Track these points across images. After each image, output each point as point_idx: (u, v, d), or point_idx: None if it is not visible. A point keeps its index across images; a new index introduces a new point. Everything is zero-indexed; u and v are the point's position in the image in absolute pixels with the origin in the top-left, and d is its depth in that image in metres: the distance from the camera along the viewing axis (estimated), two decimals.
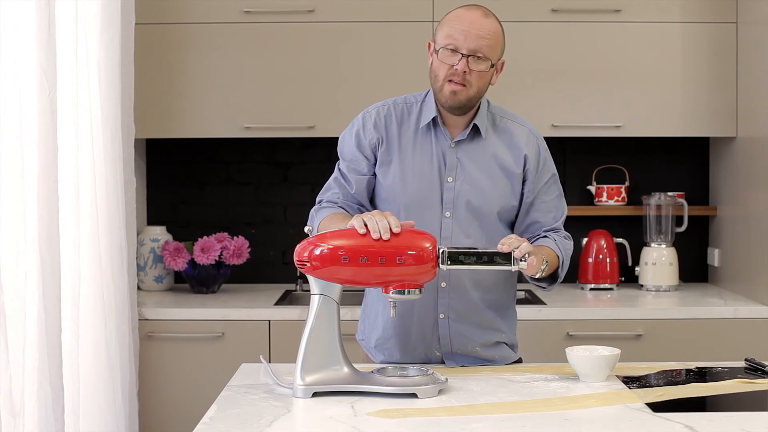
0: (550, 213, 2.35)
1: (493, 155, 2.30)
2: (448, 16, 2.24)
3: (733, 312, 3.30)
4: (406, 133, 2.31)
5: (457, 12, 2.23)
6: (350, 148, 2.35)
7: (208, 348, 3.27)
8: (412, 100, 2.35)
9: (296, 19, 3.51)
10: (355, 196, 2.35)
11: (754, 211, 3.42)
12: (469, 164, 2.29)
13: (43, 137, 2.76)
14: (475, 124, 2.29)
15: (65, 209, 2.83)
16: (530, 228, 2.35)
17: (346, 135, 2.38)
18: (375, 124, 2.32)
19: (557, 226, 2.36)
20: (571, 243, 2.36)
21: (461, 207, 2.28)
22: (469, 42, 2.17)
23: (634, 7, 3.53)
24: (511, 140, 2.32)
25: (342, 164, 2.37)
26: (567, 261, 2.31)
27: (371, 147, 2.32)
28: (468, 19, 2.20)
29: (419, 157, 2.29)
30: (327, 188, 2.40)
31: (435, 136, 2.30)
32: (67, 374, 2.84)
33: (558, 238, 2.32)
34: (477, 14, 2.21)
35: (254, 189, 3.91)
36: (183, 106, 3.53)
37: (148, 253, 3.65)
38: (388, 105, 2.35)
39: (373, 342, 2.39)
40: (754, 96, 3.39)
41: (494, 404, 1.95)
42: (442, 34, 2.21)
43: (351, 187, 2.34)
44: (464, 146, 2.30)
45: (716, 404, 2.02)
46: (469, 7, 2.22)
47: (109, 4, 3.02)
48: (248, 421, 1.83)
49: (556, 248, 2.27)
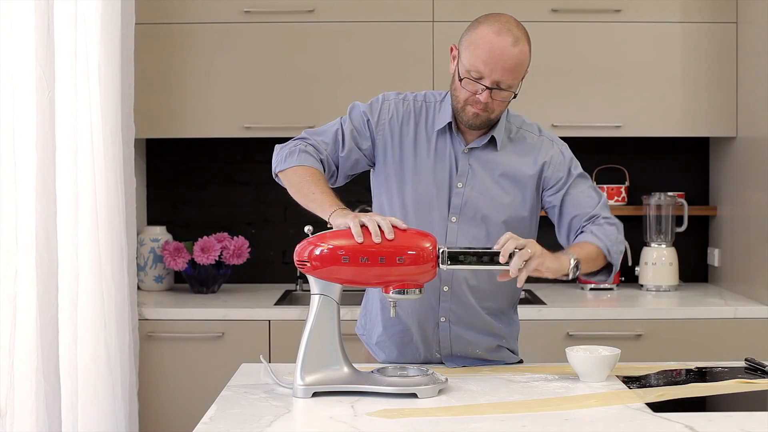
0: (585, 204, 2.26)
1: (505, 165, 2.27)
2: (476, 36, 2.13)
3: (733, 312, 3.30)
4: (421, 132, 2.28)
5: (486, 36, 2.11)
6: (360, 120, 2.30)
7: (208, 348, 3.27)
8: (431, 99, 2.31)
9: (296, 19, 3.51)
10: (340, 160, 2.28)
11: (754, 211, 3.42)
12: (481, 172, 2.26)
13: (42, 137, 2.76)
14: (493, 136, 2.26)
15: (65, 209, 2.83)
16: (572, 224, 2.26)
17: (361, 106, 2.32)
18: (391, 118, 2.29)
19: (597, 212, 2.24)
20: (614, 228, 2.22)
21: (468, 213, 2.26)
22: (495, 75, 2.11)
23: (634, 7, 3.53)
24: (526, 150, 2.28)
25: (347, 125, 2.30)
26: (616, 247, 2.19)
27: (378, 134, 2.29)
28: (496, 48, 2.10)
29: (432, 158, 2.27)
30: (321, 132, 2.31)
31: (450, 139, 2.27)
32: (66, 374, 2.84)
33: (596, 228, 2.20)
34: (506, 42, 2.10)
35: (254, 189, 3.91)
36: (183, 106, 3.53)
37: (148, 253, 3.65)
38: (409, 100, 2.31)
39: (374, 339, 2.39)
40: (754, 96, 3.39)
41: (494, 404, 1.95)
42: (467, 58, 2.13)
43: (342, 149, 2.28)
44: (477, 153, 2.27)
45: (716, 404, 2.02)
46: (499, 31, 2.11)
47: (109, 4, 3.02)
48: (248, 421, 1.83)
49: (594, 238, 2.17)
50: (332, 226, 2.05)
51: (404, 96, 2.32)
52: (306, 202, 2.16)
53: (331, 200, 2.11)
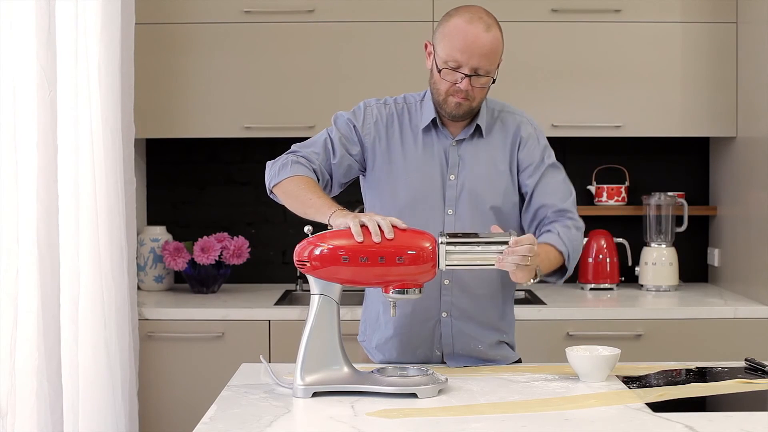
0: (555, 194, 2.29)
1: (493, 151, 2.31)
2: (449, 28, 2.19)
3: (733, 312, 3.30)
4: (406, 132, 2.31)
5: (459, 25, 2.17)
6: (346, 127, 2.32)
7: (208, 348, 3.27)
8: (411, 100, 2.35)
9: (296, 19, 3.51)
10: (333, 168, 2.30)
11: (754, 211, 3.42)
12: (471, 161, 2.29)
13: (42, 137, 2.76)
14: (478, 125, 2.29)
15: (65, 209, 2.83)
16: (538, 213, 2.29)
17: (345, 114, 2.34)
18: (376, 121, 2.32)
19: (566, 207, 2.29)
20: (579, 233, 2.28)
21: (463, 204, 2.28)
22: (472, 61, 2.16)
23: (634, 7, 3.53)
24: (508, 129, 2.33)
25: (334, 133, 2.32)
26: (575, 253, 2.24)
27: (366, 138, 2.31)
28: (470, 36, 2.15)
29: (421, 156, 2.30)
30: (310, 144, 2.33)
31: (436, 135, 2.31)
32: (66, 374, 2.84)
33: (563, 230, 2.24)
34: (479, 29, 2.16)
35: (254, 189, 3.91)
36: (183, 106, 3.53)
37: (148, 253, 3.65)
38: (390, 104, 2.35)
39: (374, 342, 2.39)
40: (754, 96, 3.39)
41: (494, 404, 1.95)
42: (443, 50, 2.18)
43: (334, 157, 2.30)
44: (465, 144, 2.30)
45: (716, 404, 2.02)
46: (470, 20, 2.17)
47: (109, 4, 3.02)
48: (248, 421, 1.83)
49: (559, 242, 2.22)
50: (333, 227, 2.05)
51: (384, 100, 2.36)
52: (304, 210, 2.16)
53: (329, 203, 2.12)
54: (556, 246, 2.21)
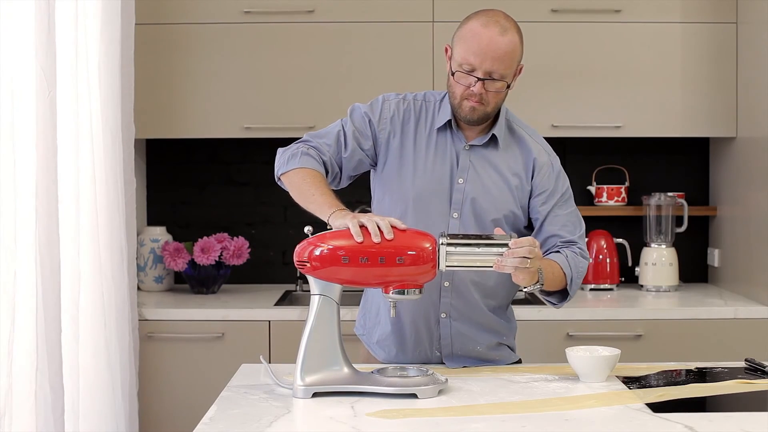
0: (566, 227, 2.31)
1: (505, 162, 2.29)
2: (464, 31, 2.19)
3: (733, 312, 3.30)
4: (422, 130, 2.31)
5: (474, 28, 2.17)
6: (361, 120, 2.32)
7: (208, 348, 3.27)
8: (431, 99, 2.34)
9: (296, 19, 3.51)
10: (344, 161, 2.30)
11: (754, 211, 3.42)
12: (482, 169, 2.28)
13: (42, 137, 2.76)
14: (494, 134, 2.28)
15: (65, 209, 2.83)
16: (548, 242, 2.30)
17: (362, 107, 2.34)
18: (392, 117, 2.31)
19: (575, 239, 2.30)
20: (585, 263, 2.29)
21: (469, 209, 2.27)
22: (485, 65, 2.15)
23: (634, 7, 3.53)
24: (524, 150, 2.31)
25: (348, 126, 2.32)
26: (578, 279, 2.25)
27: (380, 133, 2.31)
28: (485, 39, 2.14)
29: (432, 155, 2.29)
30: (323, 134, 2.33)
31: (450, 137, 2.30)
32: (67, 374, 2.84)
33: (571, 254, 2.25)
34: (494, 32, 2.15)
35: (254, 189, 3.91)
36: (183, 106, 3.53)
37: (148, 254, 3.65)
38: (409, 100, 2.34)
39: (375, 338, 2.39)
40: (754, 96, 3.39)
41: (494, 404, 1.95)
42: (458, 53, 2.18)
43: (345, 150, 2.30)
44: (478, 150, 2.29)
45: (716, 404, 2.02)
46: (486, 23, 2.16)
47: (109, 4, 3.02)
48: (248, 422, 1.83)
49: (565, 264, 2.22)
50: (332, 227, 2.05)
51: (404, 96, 2.35)
52: (306, 204, 2.17)
53: (331, 201, 2.12)
54: (562, 267, 2.21)
